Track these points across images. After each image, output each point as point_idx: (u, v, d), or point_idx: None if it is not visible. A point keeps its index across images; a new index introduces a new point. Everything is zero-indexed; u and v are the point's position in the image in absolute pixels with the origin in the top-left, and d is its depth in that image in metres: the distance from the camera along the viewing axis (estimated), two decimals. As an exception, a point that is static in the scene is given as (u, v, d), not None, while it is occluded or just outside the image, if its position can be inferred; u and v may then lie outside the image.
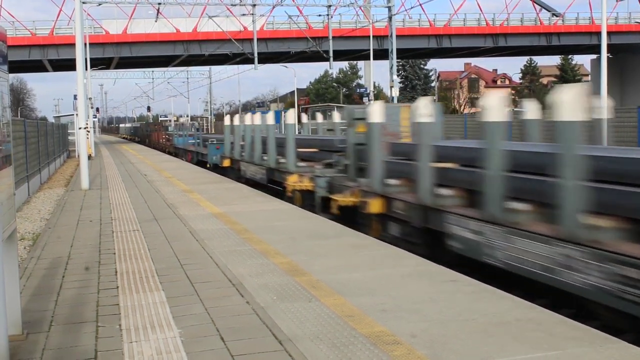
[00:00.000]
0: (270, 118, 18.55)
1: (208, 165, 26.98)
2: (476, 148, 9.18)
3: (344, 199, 11.96)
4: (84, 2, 28.70)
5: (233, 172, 22.63)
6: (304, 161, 16.49)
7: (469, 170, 9.20)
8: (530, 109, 12.14)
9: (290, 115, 17.97)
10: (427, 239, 9.51)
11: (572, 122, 6.77)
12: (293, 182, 15.05)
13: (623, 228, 6.51)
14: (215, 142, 28.26)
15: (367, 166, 11.78)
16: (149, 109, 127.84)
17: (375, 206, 10.78)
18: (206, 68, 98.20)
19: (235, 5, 50.05)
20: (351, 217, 11.75)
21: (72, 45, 22.13)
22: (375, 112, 11.46)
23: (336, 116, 25.36)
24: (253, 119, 20.50)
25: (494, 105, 8.04)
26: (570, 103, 6.82)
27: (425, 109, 9.63)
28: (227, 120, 25.50)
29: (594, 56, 70.24)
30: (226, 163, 23.93)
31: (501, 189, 7.78)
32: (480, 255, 7.96)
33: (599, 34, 33.85)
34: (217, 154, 26.16)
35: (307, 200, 14.38)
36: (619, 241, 6.36)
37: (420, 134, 9.71)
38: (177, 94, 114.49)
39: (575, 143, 6.64)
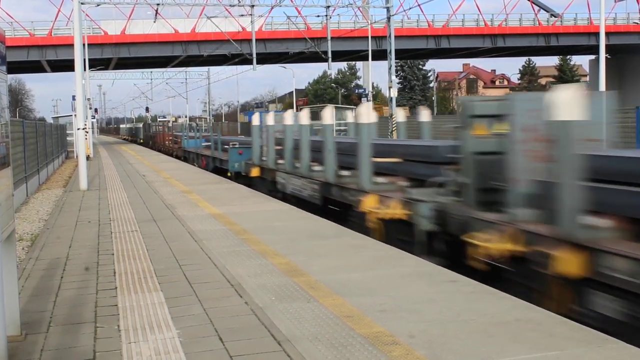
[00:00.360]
0: (328, 115, 14.04)
1: (229, 174, 22.91)
2: None
3: (494, 245, 7.54)
4: (82, 3, 28.69)
5: (264, 184, 18.61)
6: (379, 175, 11.81)
7: None
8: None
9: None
10: None
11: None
12: (372, 206, 10.96)
13: None
14: (237, 145, 23.58)
15: (508, 189, 7.94)
16: (147, 109, 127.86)
17: (570, 264, 6.49)
18: (205, 69, 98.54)
19: (233, 6, 50.04)
20: (495, 271, 7.84)
21: (71, 45, 22.11)
22: (567, 101, 6.77)
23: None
24: (299, 118, 16.45)
25: None
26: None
27: None
28: (255, 119, 20.55)
29: (593, 56, 70.30)
30: (255, 172, 19.50)
31: None
32: None
33: (597, 34, 33.90)
34: (241, 160, 22.03)
35: (395, 234, 10.41)
36: None
37: None
38: (175, 94, 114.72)
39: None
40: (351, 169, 12.69)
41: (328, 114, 14.06)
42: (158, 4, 49.47)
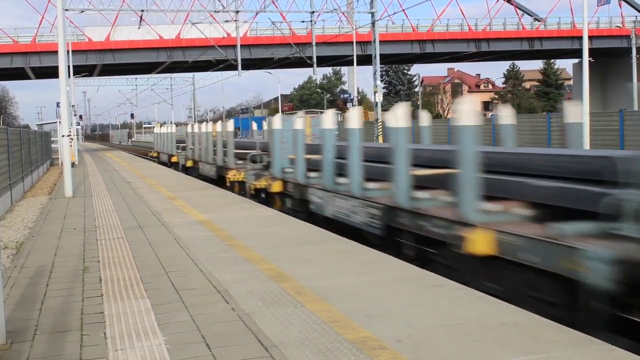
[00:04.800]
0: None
1: None
2: None
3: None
4: (66, 10, 28.62)
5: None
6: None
7: None
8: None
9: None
10: None
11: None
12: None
13: None
14: None
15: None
16: (132, 116, 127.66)
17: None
18: (190, 75, 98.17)
19: (218, 12, 50.00)
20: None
21: (55, 52, 22.03)
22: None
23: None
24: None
25: None
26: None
27: None
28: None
29: (576, 60, 70.70)
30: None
31: None
32: None
33: (580, 38, 34.07)
34: None
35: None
36: None
37: None
38: (160, 100, 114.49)
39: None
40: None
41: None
42: (142, 10, 49.41)
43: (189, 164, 28.88)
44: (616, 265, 5.92)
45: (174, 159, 34.08)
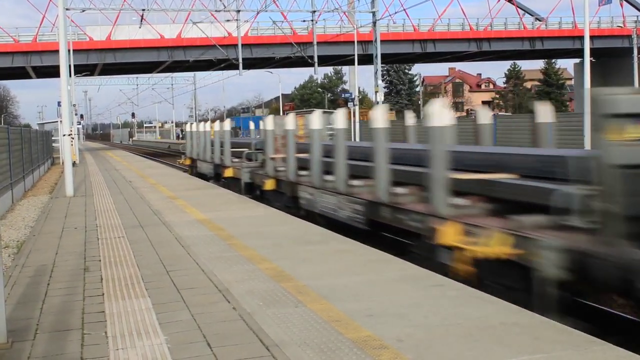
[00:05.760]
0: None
1: None
2: None
3: None
4: (67, 9, 28.63)
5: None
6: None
7: None
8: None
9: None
10: None
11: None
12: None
13: None
14: None
15: None
16: (133, 115, 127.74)
17: None
18: (191, 74, 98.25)
19: (219, 11, 50.00)
20: None
21: (56, 51, 22.04)
22: None
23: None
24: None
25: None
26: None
27: None
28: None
29: (577, 60, 70.69)
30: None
31: None
32: None
33: (581, 38, 34.09)
34: None
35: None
36: None
37: None
38: (161, 100, 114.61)
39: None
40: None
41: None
42: (144, 10, 49.44)
43: (269, 185, 16.48)
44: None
45: (227, 173, 21.35)
